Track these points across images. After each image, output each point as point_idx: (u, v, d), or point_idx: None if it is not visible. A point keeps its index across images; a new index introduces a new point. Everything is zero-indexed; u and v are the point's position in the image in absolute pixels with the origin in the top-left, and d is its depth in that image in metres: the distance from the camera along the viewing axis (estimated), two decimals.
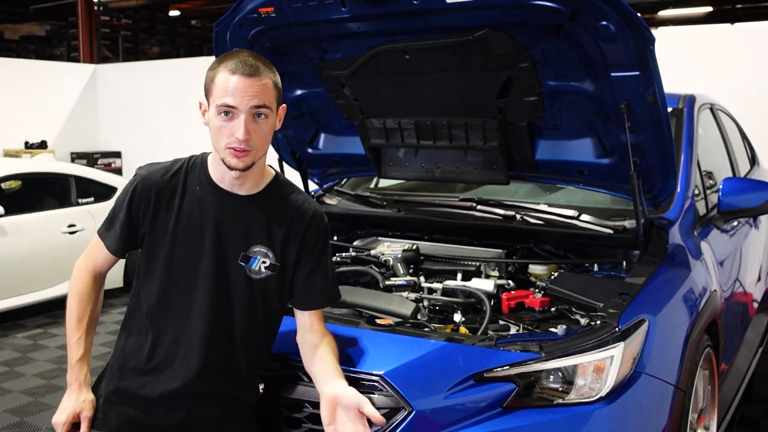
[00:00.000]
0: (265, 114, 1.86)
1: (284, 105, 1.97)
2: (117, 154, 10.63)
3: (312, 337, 2.05)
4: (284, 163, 3.29)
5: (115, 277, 6.27)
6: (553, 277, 2.67)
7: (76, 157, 10.40)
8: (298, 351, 2.16)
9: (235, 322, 1.96)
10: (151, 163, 2.01)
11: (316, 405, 2.09)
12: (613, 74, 2.32)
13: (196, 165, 1.99)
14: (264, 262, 1.95)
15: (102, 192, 6.40)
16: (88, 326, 2.01)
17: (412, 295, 2.55)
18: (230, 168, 1.87)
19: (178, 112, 9.77)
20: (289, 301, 2.07)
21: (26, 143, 10.01)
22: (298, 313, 2.08)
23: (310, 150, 3.32)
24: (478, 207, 3.05)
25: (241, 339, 1.98)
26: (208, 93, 1.88)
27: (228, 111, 1.83)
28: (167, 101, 9.82)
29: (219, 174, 1.95)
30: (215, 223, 1.92)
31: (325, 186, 3.60)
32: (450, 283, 2.62)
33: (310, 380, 2.11)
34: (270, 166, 2.08)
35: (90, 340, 2.02)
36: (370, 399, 2.01)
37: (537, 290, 2.57)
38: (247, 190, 1.96)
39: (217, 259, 1.92)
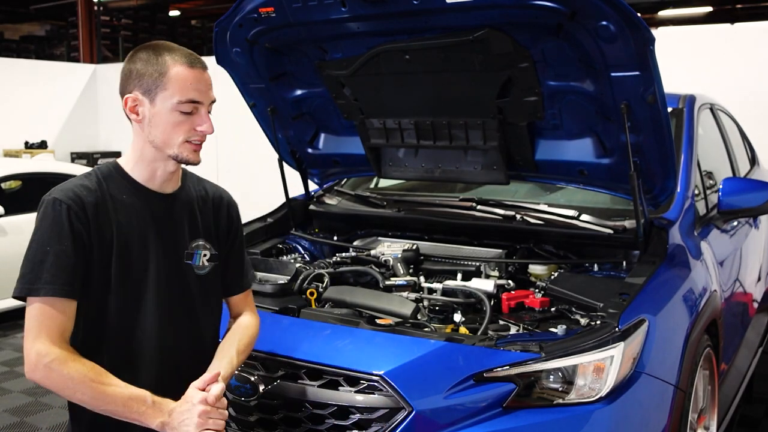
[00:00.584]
0: (212, 106, 1.84)
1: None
2: (117, 154, 10.62)
3: (232, 321, 2.08)
4: (284, 163, 3.29)
5: None
6: (553, 277, 2.67)
7: (76, 157, 10.39)
8: (297, 351, 2.17)
9: (197, 324, 1.91)
10: (62, 186, 1.77)
11: (316, 405, 2.10)
12: (613, 74, 2.32)
13: (111, 174, 1.83)
14: (205, 255, 1.91)
15: None
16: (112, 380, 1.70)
17: (412, 295, 2.55)
18: (187, 162, 1.82)
19: None
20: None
21: (26, 143, 10.00)
22: (227, 303, 2.08)
23: (310, 150, 3.32)
24: (478, 207, 3.05)
25: (205, 338, 1.94)
26: (154, 87, 1.74)
27: (190, 107, 1.76)
28: None
29: (147, 175, 1.83)
30: (155, 228, 1.83)
31: (325, 186, 3.60)
32: (450, 283, 2.62)
33: (310, 380, 2.12)
34: None
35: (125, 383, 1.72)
36: (370, 399, 2.02)
37: (537, 290, 2.57)
38: (173, 188, 1.89)
39: (166, 264, 1.83)
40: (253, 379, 2.16)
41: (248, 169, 8.93)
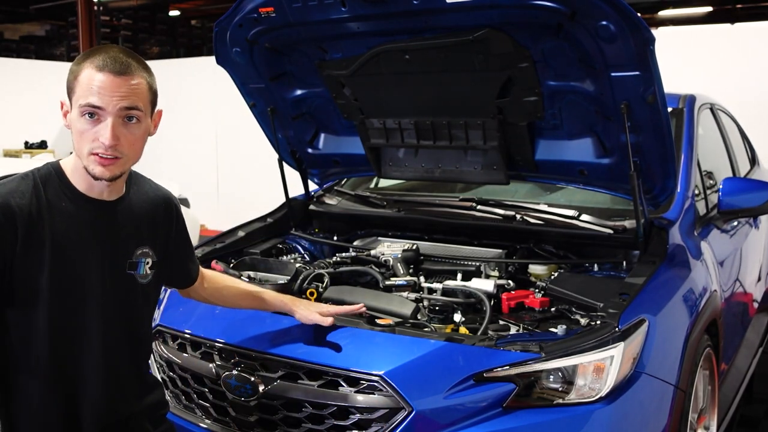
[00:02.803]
0: (137, 117, 1.67)
1: (160, 110, 1.82)
2: None
3: (217, 282, 2.18)
4: (284, 163, 3.29)
5: None
6: (553, 277, 2.67)
7: None
8: (297, 351, 2.17)
9: (138, 332, 1.87)
10: None
11: (316, 405, 2.10)
12: (613, 74, 2.32)
13: (51, 178, 1.71)
14: (148, 263, 1.84)
15: None
16: None
17: (412, 295, 2.55)
18: (94, 178, 1.67)
19: (177, 112, 9.76)
20: (169, 287, 2.11)
21: (26, 143, 10.00)
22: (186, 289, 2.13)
23: (310, 150, 3.32)
24: (478, 207, 3.05)
25: (145, 344, 1.92)
26: (70, 91, 1.67)
27: (93, 113, 1.62)
28: (167, 101, 9.77)
29: (87, 183, 1.72)
30: (96, 237, 1.73)
31: (325, 186, 3.60)
32: (450, 283, 2.62)
33: (310, 380, 2.12)
34: None
35: None
36: (370, 399, 2.02)
37: (537, 290, 2.57)
38: (116, 195, 1.78)
39: (108, 275, 1.75)
40: (253, 379, 2.17)
41: (248, 169, 8.93)
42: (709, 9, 14.02)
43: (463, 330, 2.37)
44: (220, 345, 2.29)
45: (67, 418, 1.73)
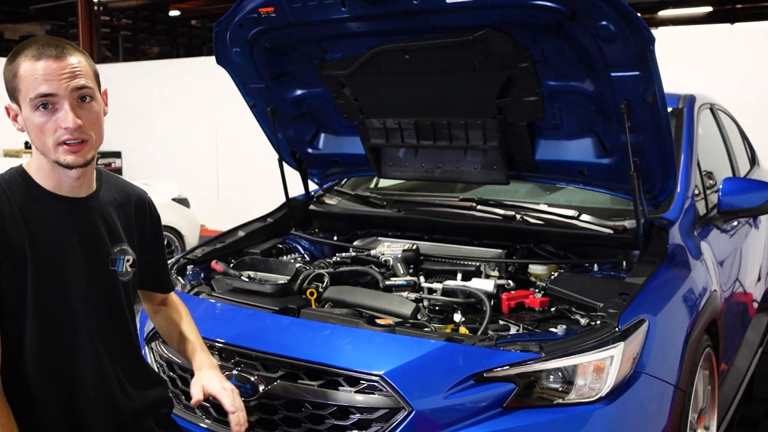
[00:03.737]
0: (90, 96, 1.62)
1: (106, 89, 1.75)
2: (117, 154, 10.62)
3: (170, 312, 2.05)
4: (284, 163, 3.29)
5: None
6: (553, 277, 2.67)
7: None
8: (297, 351, 2.17)
9: (126, 330, 1.83)
10: None
11: (316, 405, 2.10)
12: (613, 74, 2.32)
13: (16, 182, 1.66)
14: (128, 261, 1.79)
15: None
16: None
17: (412, 295, 2.55)
18: (69, 167, 1.62)
19: (178, 112, 9.77)
20: (140, 288, 1.99)
21: (26, 143, 9.99)
22: (149, 294, 2.04)
23: (310, 150, 3.32)
24: (478, 207, 3.05)
25: (133, 344, 1.87)
26: (14, 92, 1.60)
27: (46, 102, 1.57)
28: (167, 101, 9.82)
29: (55, 181, 1.67)
30: (72, 236, 1.68)
31: (325, 186, 3.60)
32: (450, 283, 2.62)
33: (310, 380, 2.12)
34: None
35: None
36: (370, 399, 2.02)
37: (537, 290, 2.57)
38: (87, 191, 1.73)
39: (90, 273, 1.71)
40: (253, 379, 2.17)
41: (248, 169, 8.93)
42: (709, 9, 14.01)
43: (463, 330, 2.37)
44: (220, 345, 2.29)
45: (70, 422, 1.71)
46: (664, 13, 13.86)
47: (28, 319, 1.63)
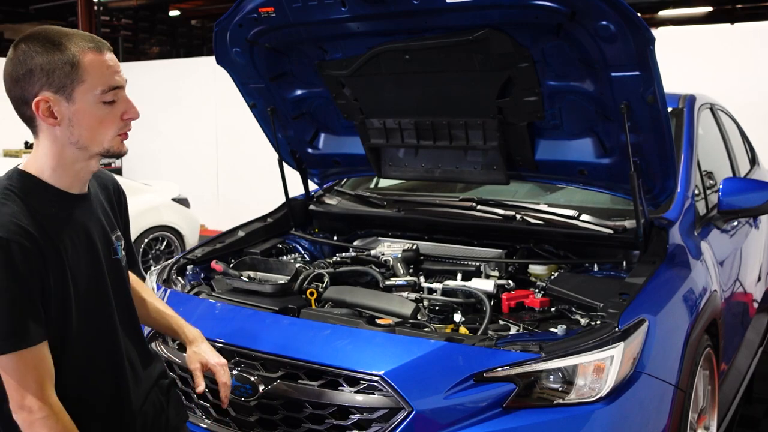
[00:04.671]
0: None
1: None
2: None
3: (138, 290, 2.01)
4: (284, 163, 3.29)
5: None
6: (553, 277, 2.67)
7: None
8: (297, 351, 2.17)
9: (135, 314, 1.86)
10: None
11: (316, 405, 2.10)
12: (613, 74, 2.32)
13: (28, 187, 1.61)
14: (122, 245, 1.81)
15: None
16: None
17: (412, 295, 2.55)
18: (117, 156, 1.67)
19: (178, 112, 9.78)
20: None
21: (26, 143, 10.01)
22: None
23: (310, 150, 3.32)
24: (478, 207, 3.05)
25: (138, 323, 1.89)
26: (69, 83, 1.55)
27: (114, 95, 1.60)
28: (167, 101, 9.83)
29: (71, 178, 1.65)
30: (88, 233, 1.68)
31: (325, 186, 3.60)
32: (450, 283, 2.62)
33: (310, 380, 2.12)
34: None
35: None
36: (370, 399, 2.02)
37: (537, 290, 2.57)
38: (87, 186, 1.74)
39: (106, 267, 1.72)
40: (253, 379, 2.17)
41: (248, 169, 8.94)
42: (709, 9, 14.02)
43: (463, 330, 2.37)
44: (220, 345, 2.29)
45: (113, 408, 1.74)
46: (664, 13, 13.86)
47: (74, 319, 1.63)
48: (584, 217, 2.83)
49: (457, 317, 2.48)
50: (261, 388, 2.15)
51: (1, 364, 1.52)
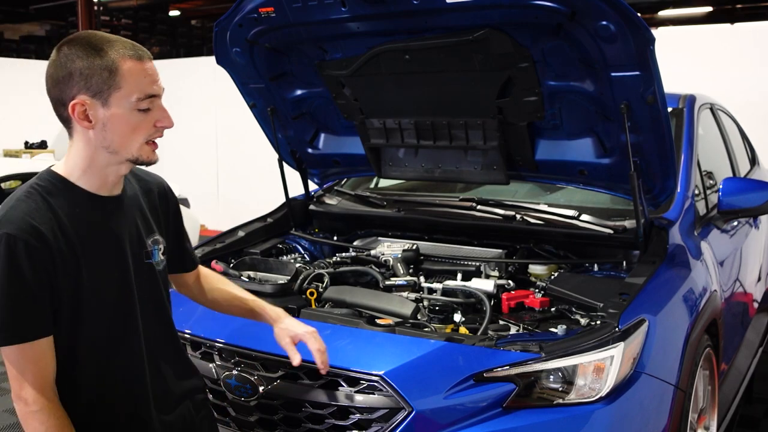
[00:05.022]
0: None
1: None
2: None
3: (210, 283, 2.06)
4: (284, 163, 3.29)
5: None
6: (553, 277, 2.67)
7: None
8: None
9: (168, 319, 1.85)
10: (9, 215, 1.56)
11: (316, 405, 2.10)
12: (613, 74, 2.32)
13: (55, 188, 1.63)
14: (160, 249, 1.79)
15: None
16: None
17: (412, 295, 2.55)
18: (146, 164, 1.68)
19: (178, 112, 9.74)
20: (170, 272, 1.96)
21: (26, 143, 10.01)
22: (181, 277, 2.02)
23: (310, 150, 3.32)
24: (478, 207, 3.05)
25: (172, 331, 1.88)
26: (106, 88, 1.57)
27: (150, 103, 1.62)
28: (167, 101, 9.79)
29: (101, 181, 1.66)
30: (115, 235, 1.68)
31: (325, 186, 3.60)
32: (450, 283, 2.62)
33: (310, 380, 2.12)
34: None
35: None
36: (370, 399, 2.02)
37: (537, 290, 2.57)
38: (120, 188, 1.73)
39: (134, 270, 1.71)
40: (253, 379, 2.17)
41: (248, 169, 8.93)
42: (709, 9, 14.02)
43: (463, 330, 2.37)
44: (220, 345, 2.29)
45: (125, 414, 1.71)
46: (664, 13, 13.86)
47: (85, 320, 1.62)
48: (584, 217, 2.83)
49: (457, 317, 2.48)
50: (261, 388, 2.15)
51: (5, 353, 1.56)
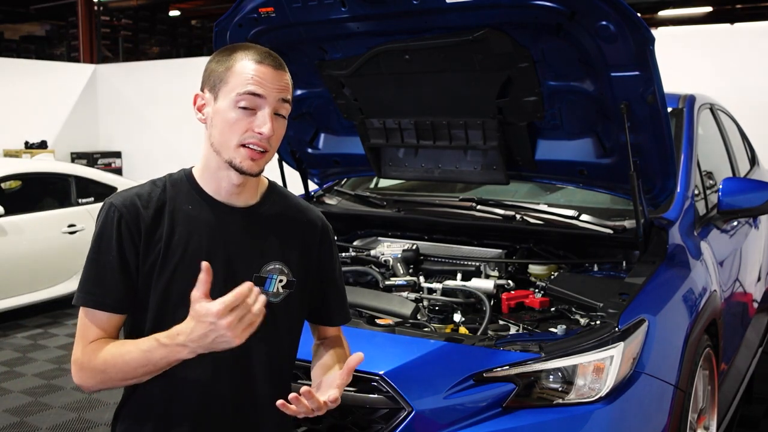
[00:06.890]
0: (285, 112, 1.62)
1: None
2: (117, 154, 10.62)
3: (334, 344, 1.86)
4: (284, 163, 3.29)
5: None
6: (553, 277, 2.67)
7: (76, 157, 10.39)
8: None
9: (254, 353, 1.66)
10: (124, 191, 1.64)
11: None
12: (613, 74, 2.32)
13: (180, 181, 1.66)
14: (281, 281, 1.66)
15: (102, 192, 6.40)
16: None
17: (412, 295, 2.55)
18: (242, 171, 1.58)
19: (178, 112, 9.77)
20: (307, 320, 1.85)
21: (26, 143, 10.00)
22: (315, 327, 1.88)
23: (310, 150, 3.32)
24: (478, 207, 3.05)
25: (263, 368, 1.70)
26: (218, 82, 1.60)
27: (251, 102, 1.56)
28: (167, 101, 9.82)
29: (214, 185, 1.64)
30: (222, 245, 1.61)
31: (325, 186, 3.60)
32: (450, 283, 2.62)
33: (310, 380, 2.11)
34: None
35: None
36: (370, 399, 2.02)
37: (537, 290, 2.57)
38: (245, 201, 1.66)
39: (229, 285, 1.50)
40: None
41: None
42: (709, 9, 14.01)
43: (463, 330, 2.37)
44: None
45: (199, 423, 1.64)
46: (664, 13, 13.86)
47: (167, 317, 1.56)
48: (584, 217, 2.83)
49: (457, 317, 2.48)
50: None
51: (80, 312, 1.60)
